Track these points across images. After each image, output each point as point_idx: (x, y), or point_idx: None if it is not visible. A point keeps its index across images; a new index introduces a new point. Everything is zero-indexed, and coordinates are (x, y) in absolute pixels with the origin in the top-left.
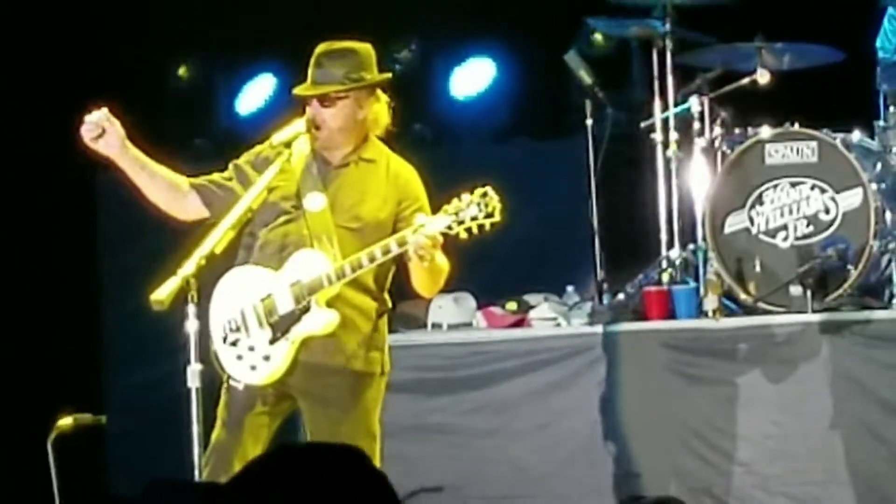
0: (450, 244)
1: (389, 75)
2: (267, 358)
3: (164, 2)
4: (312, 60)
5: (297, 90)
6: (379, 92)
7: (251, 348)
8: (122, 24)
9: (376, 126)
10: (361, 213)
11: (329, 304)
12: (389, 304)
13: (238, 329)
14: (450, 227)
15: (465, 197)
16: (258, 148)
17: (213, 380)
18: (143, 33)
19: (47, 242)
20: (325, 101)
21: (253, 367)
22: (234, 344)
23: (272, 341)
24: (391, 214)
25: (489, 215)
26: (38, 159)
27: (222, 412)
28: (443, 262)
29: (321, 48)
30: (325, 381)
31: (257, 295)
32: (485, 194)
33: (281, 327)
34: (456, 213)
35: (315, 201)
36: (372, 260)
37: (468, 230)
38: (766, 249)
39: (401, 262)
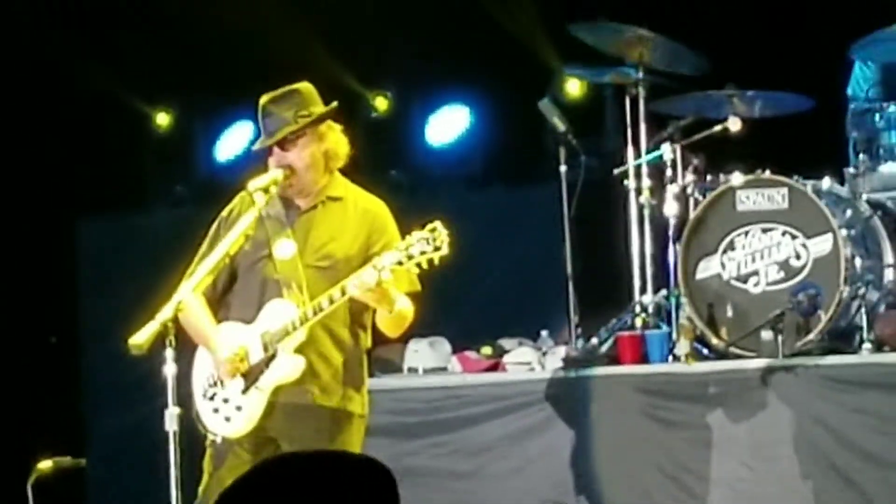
0: (425, 289)
1: (336, 104)
2: (239, 408)
3: (144, 50)
4: (259, 114)
5: (256, 145)
6: (332, 123)
7: (225, 400)
8: (102, 72)
9: (338, 157)
10: (331, 252)
11: (310, 344)
12: (369, 344)
13: (215, 384)
14: (400, 262)
15: (415, 233)
16: (237, 199)
17: (193, 424)
18: (123, 81)
19: (28, 287)
20: (285, 145)
21: (227, 419)
22: (211, 398)
23: (244, 391)
24: (361, 250)
25: (437, 248)
26: (19, 204)
27: (207, 465)
28: (405, 307)
29: (264, 99)
30: (304, 423)
31: (231, 348)
32: (433, 229)
33: (251, 377)
34: (406, 249)
35: (285, 248)
36: (332, 301)
37: (418, 265)
38: (737, 295)
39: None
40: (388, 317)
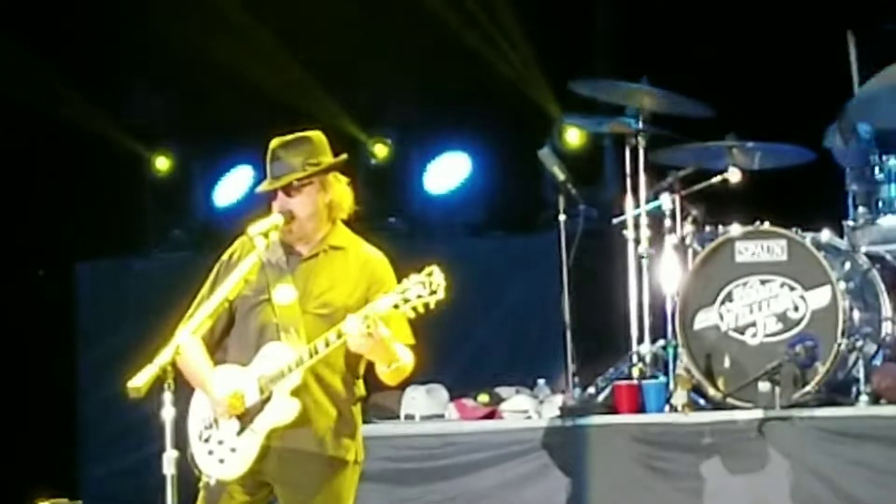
0: (423, 335)
1: (345, 156)
2: (233, 450)
3: (144, 94)
4: (269, 157)
5: (261, 187)
6: (339, 174)
7: (220, 442)
8: (101, 115)
9: (341, 208)
10: (330, 300)
11: (304, 390)
12: (363, 392)
13: (211, 426)
14: (396, 306)
15: (412, 277)
16: (237, 243)
17: (188, 467)
18: (122, 124)
19: (25, 331)
20: (290, 191)
21: (221, 461)
22: (206, 440)
23: (238, 433)
24: (360, 300)
25: (433, 292)
26: (17, 248)
27: None
28: (405, 361)
29: (274, 143)
30: (297, 468)
31: (227, 390)
32: (430, 273)
33: (246, 419)
34: (402, 293)
35: (284, 294)
36: (328, 345)
37: (414, 309)
38: (734, 346)
39: None
40: (387, 370)
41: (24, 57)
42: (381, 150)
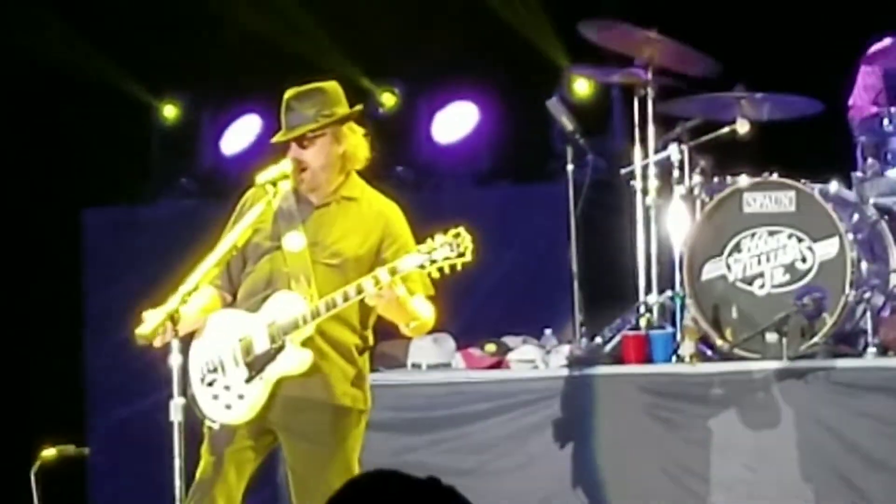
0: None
1: (361, 107)
2: (241, 397)
3: (152, 42)
4: (283, 107)
5: (275, 138)
6: (354, 125)
7: (227, 387)
8: (109, 63)
9: (356, 160)
10: (342, 250)
11: (309, 341)
12: (371, 342)
13: (215, 370)
14: (422, 266)
15: (439, 237)
16: (249, 192)
17: (193, 412)
18: (129, 72)
19: (33, 277)
20: (303, 142)
21: (228, 406)
22: (210, 384)
23: (247, 380)
24: (371, 251)
25: (461, 255)
26: (25, 195)
27: (205, 450)
28: (423, 313)
29: (289, 94)
30: (304, 416)
31: (235, 336)
32: (457, 234)
33: (256, 366)
34: (429, 253)
35: (294, 241)
36: (346, 299)
37: (440, 269)
38: (742, 296)
39: None
40: (408, 330)
41: (31, 6)
42: (388, 100)
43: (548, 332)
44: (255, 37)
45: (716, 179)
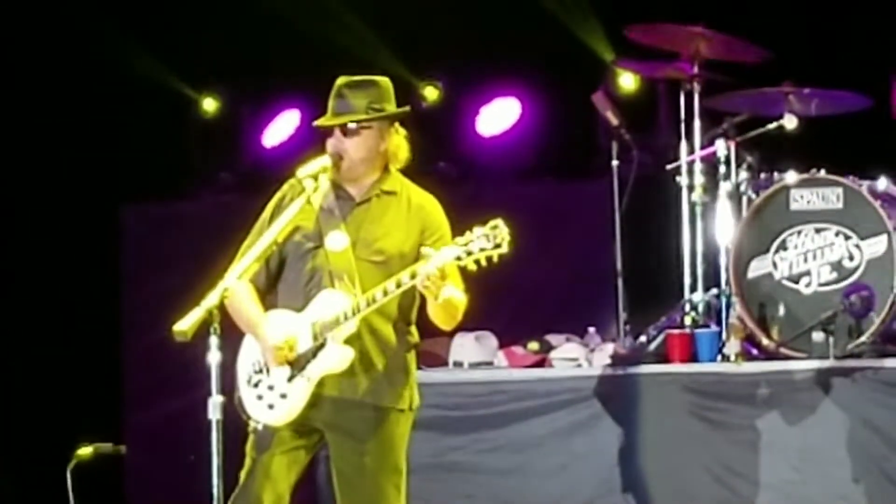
0: (472, 283)
1: (409, 108)
2: (284, 396)
3: (192, 36)
4: (333, 92)
5: (319, 121)
6: (398, 125)
7: (270, 387)
8: (149, 57)
9: (396, 159)
10: (385, 247)
11: (356, 339)
12: (417, 339)
13: (261, 371)
14: (459, 258)
15: (476, 229)
16: (286, 186)
17: (234, 412)
18: (170, 66)
19: (71, 274)
20: (347, 131)
21: (270, 406)
22: (256, 385)
23: (289, 379)
24: (414, 246)
25: (497, 246)
26: (64, 190)
27: (250, 451)
28: (457, 297)
29: (342, 80)
30: (349, 415)
31: (279, 336)
32: (495, 226)
33: (298, 365)
34: (465, 245)
35: (336, 240)
36: (385, 294)
37: (477, 261)
38: (789, 295)
39: (424, 298)
40: (438, 305)
41: (75, 3)
42: (431, 93)
43: (591, 330)
44: (297, 30)
45: (762, 176)
